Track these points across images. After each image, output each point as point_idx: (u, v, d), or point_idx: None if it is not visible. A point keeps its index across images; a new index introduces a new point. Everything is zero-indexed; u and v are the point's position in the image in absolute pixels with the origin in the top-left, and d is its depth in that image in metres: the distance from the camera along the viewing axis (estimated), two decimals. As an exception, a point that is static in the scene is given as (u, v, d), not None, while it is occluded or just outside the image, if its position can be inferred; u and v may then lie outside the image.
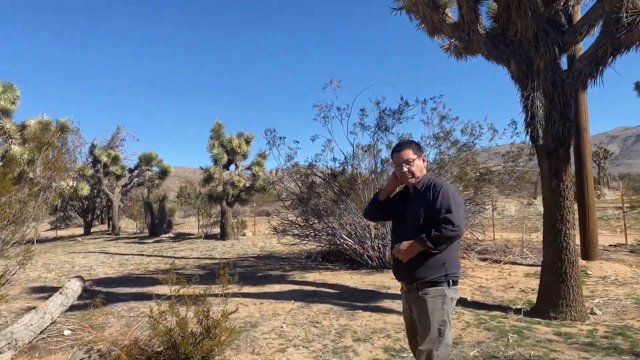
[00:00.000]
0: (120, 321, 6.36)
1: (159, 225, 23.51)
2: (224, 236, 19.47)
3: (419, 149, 3.22)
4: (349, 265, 9.99)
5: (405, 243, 3.00)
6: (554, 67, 5.70)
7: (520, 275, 8.44)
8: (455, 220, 2.85)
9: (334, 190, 9.84)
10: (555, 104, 5.77)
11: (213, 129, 20.58)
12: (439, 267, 2.98)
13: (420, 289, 3.00)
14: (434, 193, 3.00)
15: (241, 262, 12.21)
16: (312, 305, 6.90)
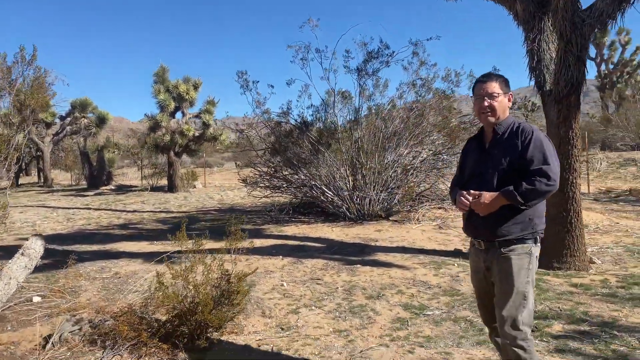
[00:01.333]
0: (95, 284, 5.64)
1: (97, 176, 22.00)
2: (172, 188, 18.45)
3: (506, 85, 2.71)
4: (324, 218, 9.60)
5: (486, 195, 2.55)
6: (574, 6, 5.33)
7: (501, 225, 8.38)
8: (552, 173, 2.45)
9: (310, 140, 9.26)
10: (572, 47, 5.44)
11: (157, 73, 19.11)
12: (526, 223, 2.56)
13: (503, 246, 2.58)
14: (523, 139, 2.56)
15: (203, 215, 11.53)
16: (304, 261, 6.46)
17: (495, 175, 2.58)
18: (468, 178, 2.78)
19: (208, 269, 3.90)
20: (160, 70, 19.02)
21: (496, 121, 2.65)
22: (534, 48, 6.20)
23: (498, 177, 2.57)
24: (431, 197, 9.76)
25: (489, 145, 2.70)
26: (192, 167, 28.05)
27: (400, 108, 9.44)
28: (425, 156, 9.48)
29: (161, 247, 7.76)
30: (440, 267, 5.90)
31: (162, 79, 18.83)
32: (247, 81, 9.43)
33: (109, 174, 22.47)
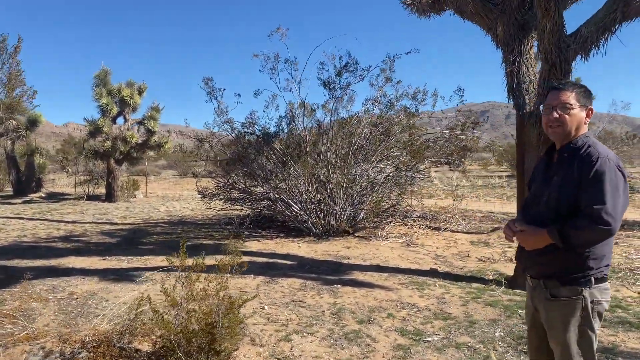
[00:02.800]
0: (49, 307, 5.01)
1: (25, 183, 20.35)
2: (111, 197, 17.36)
3: (585, 97, 2.30)
4: (287, 233, 9.27)
5: (530, 230, 2.25)
6: (560, 31, 5.42)
7: (466, 244, 8.44)
8: (607, 216, 2.02)
9: (276, 152, 8.93)
10: (556, 71, 5.51)
11: (98, 76, 18.00)
12: (577, 263, 2.19)
13: (549, 287, 2.26)
14: (583, 165, 2.15)
15: (153, 228, 10.83)
16: (278, 280, 6.12)
17: (551, 205, 2.24)
18: (530, 201, 2.44)
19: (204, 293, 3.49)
20: (102, 72, 17.94)
21: (565, 138, 2.28)
22: (513, 70, 6.28)
23: (555, 206, 2.23)
24: (396, 214, 9.70)
25: (553, 167, 2.34)
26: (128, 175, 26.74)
27: (367, 123, 9.33)
28: (390, 172, 9.42)
29: (115, 264, 7.14)
30: (423, 287, 5.76)
31: (104, 82, 17.77)
32: (212, 88, 9.00)
33: (38, 181, 20.86)
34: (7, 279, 6.16)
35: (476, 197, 15.85)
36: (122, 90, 17.69)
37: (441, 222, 10.07)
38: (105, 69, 18.17)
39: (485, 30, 6.79)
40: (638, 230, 9.15)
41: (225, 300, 3.55)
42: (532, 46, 6.33)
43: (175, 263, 3.77)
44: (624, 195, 2.11)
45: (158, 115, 18.52)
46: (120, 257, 7.62)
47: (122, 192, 17.80)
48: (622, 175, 2.15)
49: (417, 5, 8.02)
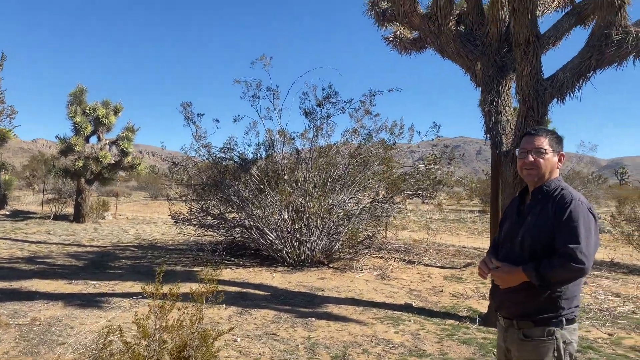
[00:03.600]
0: (10, 332, 4.78)
1: (-11, 200, 19.66)
2: (79, 218, 16.87)
3: (558, 144, 2.42)
4: (260, 262, 9.12)
5: (505, 268, 2.32)
6: (538, 74, 5.59)
7: (440, 279, 8.44)
8: (580, 255, 2.12)
9: (254, 179, 8.86)
10: (533, 112, 5.66)
11: (74, 94, 17.71)
12: (550, 303, 2.25)
13: (521, 328, 2.30)
14: (558, 208, 2.24)
15: (122, 252, 10.53)
16: (251, 311, 5.98)
17: (526, 245, 2.30)
18: (502, 240, 2.50)
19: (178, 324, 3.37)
20: (77, 90, 17.66)
21: (538, 181, 2.38)
22: (491, 110, 6.42)
23: (528, 247, 2.29)
24: (371, 246, 9.68)
25: (525, 208, 2.42)
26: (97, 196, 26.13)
27: (345, 154, 9.38)
28: (366, 203, 9.44)
29: (82, 288, 6.89)
30: (398, 323, 5.70)
31: (79, 100, 17.49)
32: (191, 113, 8.94)
33: (3, 197, 20.17)
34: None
35: (449, 231, 15.99)
36: (98, 109, 17.41)
37: (415, 255, 10.09)
38: (82, 87, 17.91)
39: (465, 70, 6.94)
40: (606, 271, 9.33)
41: (199, 333, 3.44)
42: (510, 87, 6.50)
43: (150, 291, 3.65)
44: (595, 236, 2.23)
45: (133, 136, 18.24)
46: (87, 281, 7.36)
47: (91, 212, 17.33)
48: (593, 217, 2.27)
49: (399, 43, 8.23)
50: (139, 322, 3.36)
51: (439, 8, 6.41)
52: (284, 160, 9.17)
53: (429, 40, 7.08)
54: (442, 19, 6.48)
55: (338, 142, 9.65)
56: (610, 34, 5.31)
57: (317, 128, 9.12)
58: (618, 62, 5.48)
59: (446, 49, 6.77)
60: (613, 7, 5.26)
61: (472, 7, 6.81)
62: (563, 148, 2.46)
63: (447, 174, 9.96)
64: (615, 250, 11.68)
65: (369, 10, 8.12)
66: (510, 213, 2.56)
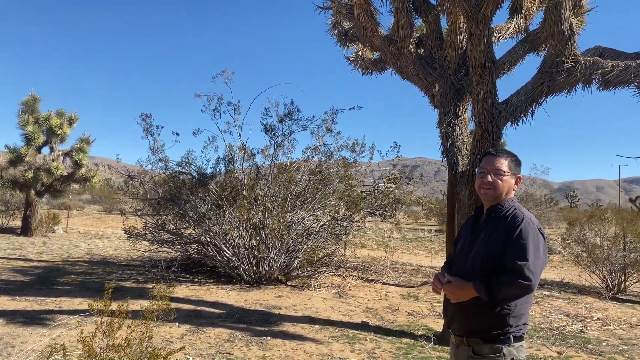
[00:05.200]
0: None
1: None
2: (27, 231, 16.15)
3: (517, 166, 2.50)
4: (217, 279, 8.93)
5: (457, 282, 2.38)
6: (493, 98, 5.76)
7: (397, 297, 8.49)
8: (527, 272, 2.19)
9: (211, 194, 8.71)
10: (488, 135, 5.82)
11: (26, 102, 17.04)
12: (498, 320, 2.30)
13: (471, 345, 2.35)
14: (509, 226, 2.32)
15: (71, 267, 10.12)
16: (205, 330, 5.83)
17: (477, 261, 2.37)
18: (456, 257, 2.58)
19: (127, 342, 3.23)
20: (30, 99, 17.03)
21: (494, 200, 2.45)
22: (448, 131, 6.57)
23: (480, 263, 2.36)
24: (329, 264, 9.66)
25: (479, 226, 2.50)
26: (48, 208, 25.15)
27: (306, 171, 9.38)
28: (326, 221, 9.43)
29: (26, 305, 6.57)
30: (354, 341, 5.68)
31: (32, 109, 16.87)
32: (150, 125, 8.75)
33: (-57, 208, 19.14)
34: None
35: (407, 250, 16.17)
36: (51, 119, 16.81)
37: (373, 273, 10.12)
38: (35, 95, 17.28)
39: (424, 92, 7.11)
40: (556, 291, 9.61)
41: (149, 352, 3.31)
42: (467, 110, 6.68)
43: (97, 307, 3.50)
44: (543, 255, 2.31)
45: (88, 147, 17.68)
46: (33, 297, 7.02)
47: (40, 226, 16.62)
48: (542, 237, 2.35)
49: (361, 63, 8.37)
50: (84, 340, 3.21)
51: (399, 30, 6.55)
52: (244, 176, 9.07)
53: (389, 61, 7.22)
54: (402, 41, 6.63)
55: (299, 159, 9.64)
56: (561, 61, 5.55)
57: (278, 144, 9.10)
58: (568, 88, 5.72)
59: (406, 71, 6.92)
60: (563, 36, 5.50)
61: (431, 31, 7.02)
62: (521, 171, 2.54)
63: (406, 194, 10.10)
64: (565, 271, 12.07)
65: (331, 30, 8.25)
66: (465, 231, 2.64)
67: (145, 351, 3.31)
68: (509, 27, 7.15)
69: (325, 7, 7.42)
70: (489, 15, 5.49)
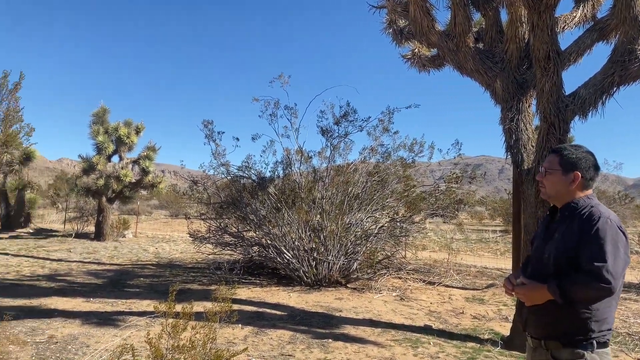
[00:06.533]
0: (27, 350, 4.77)
1: (14, 217, 20.04)
2: (100, 236, 17.08)
3: (568, 163, 2.29)
4: (277, 281, 9.05)
5: (530, 285, 2.24)
6: (559, 90, 5.47)
7: (461, 300, 8.24)
8: (606, 273, 2.02)
9: (271, 197, 8.85)
10: (555, 130, 5.53)
11: (96, 114, 18.10)
12: (579, 323, 2.14)
13: (550, 349, 2.21)
14: (584, 225, 2.15)
15: (140, 270, 10.56)
16: (267, 331, 5.89)
17: (551, 262, 2.22)
18: (531, 258, 2.45)
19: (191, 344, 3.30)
20: (100, 110, 18.07)
21: (553, 200, 2.34)
22: (512, 127, 6.30)
23: (554, 264, 2.20)
24: (390, 266, 9.53)
25: (554, 225, 2.34)
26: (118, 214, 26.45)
27: (363, 172, 9.32)
28: (385, 223, 9.31)
29: (100, 306, 6.89)
30: (417, 345, 5.55)
31: (102, 120, 17.86)
32: (211, 131, 9.02)
33: (27, 216, 20.57)
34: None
35: (470, 252, 15.70)
36: (120, 128, 17.74)
37: (435, 276, 9.89)
38: (104, 107, 18.31)
39: (484, 87, 6.85)
40: (635, 293, 9.00)
41: (212, 353, 3.37)
42: (531, 104, 6.38)
43: (162, 309, 3.61)
44: (624, 255, 2.12)
45: (154, 155, 18.49)
46: (105, 299, 7.37)
47: (111, 231, 17.53)
48: (624, 235, 2.16)
49: (417, 60, 8.19)
50: (151, 341, 3.32)
51: (457, 25, 6.35)
52: (301, 179, 9.14)
53: (448, 57, 7.02)
54: (460, 36, 6.42)
55: (356, 160, 9.61)
56: (634, 49, 5.18)
57: (334, 146, 9.11)
58: (643, 78, 5.34)
59: (465, 66, 6.69)
60: (636, 22, 5.14)
61: (491, 24, 6.77)
62: (582, 168, 2.30)
63: (469, 193, 9.80)
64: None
65: (386, 29, 8.12)
66: (540, 230, 2.51)
67: (209, 352, 3.37)
68: (574, 16, 6.77)
69: (379, 6, 7.34)
70: (552, 4, 5.22)
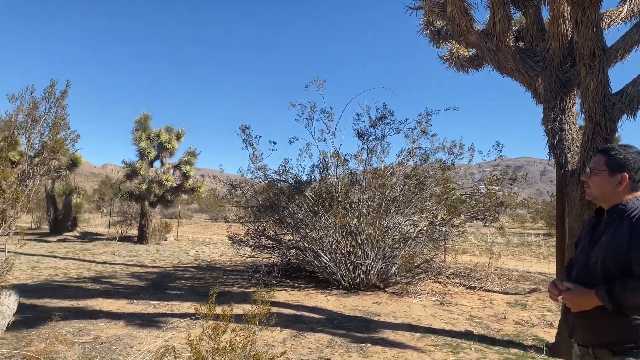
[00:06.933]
0: (74, 350, 4.93)
1: (62, 221, 20.84)
2: (143, 239, 17.55)
3: (615, 164, 2.18)
4: (315, 284, 9.06)
5: (577, 290, 2.13)
6: (605, 89, 5.28)
7: (503, 305, 8.04)
8: None
9: (307, 201, 8.90)
10: (601, 129, 5.33)
11: (139, 120, 18.65)
12: (630, 330, 2.04)
13: (598, 357, 2.11)
14: (634, 228, 2.03)
15: (181, 272, 10.79)
16: (306, 335, 5.90)
17: (599, 266, 2.10)
18: (575, 260, 2.34)
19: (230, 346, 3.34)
20: (142, 117, 18.60)
21: (598, 201, 2.25)
22: (555, 127, 6.12)
23: (602, 268, 2.09)
24: (429, 270, 9.40)
25: (601, 228, 2.23)
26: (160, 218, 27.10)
27: (401, 175, 9.24)
28: (424, 226, 9.20)
29: (142, 308, 7.07)
30: (457, 351, 5.44)
31: (144, 127, 18.38)
32: (249, 136, 9.15)
33: (74, 220, 21.34)
34: (36, 318, 6.15)
35: (512, 255, 15.31)
36: (161, 134, 18.21)
37: (476, 280, 9.68)
38: (146, 114, 18.84)
39: (525, 87, 6.68)
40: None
41: (252, 356, 3.40)
42: (575, 103, 6.18)
43: (203, 312, 3.67)
44: None
45: (194, 160, 18.89)
46: (148, 301, 7.55)
47: (153, 234, 17.98)
48: None
49: (455, 61, 8.08)
50: (192, 343, 3.38)
51: (496, 24, 6.23)
52: (338, 182, 9.14)
53: (487, 57, 6.88)
54: (499, 35, 6.29)
55: (393, 163, 9.54)
56: (685, 44, 4.95)
57: (370, 149, 9.06)
58: (696, 74, 5.09)
59: (505, 66, 6.55)
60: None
61: (532, 22, 6.60)
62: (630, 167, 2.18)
63: (510, 196, 9.55)
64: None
65: (423, 30, 8.04)
66: (585, 233, 2.39)
67: (248, 355, 3.40)
68: (620, 11, 6.52)
69: (416, 7, 7.27)
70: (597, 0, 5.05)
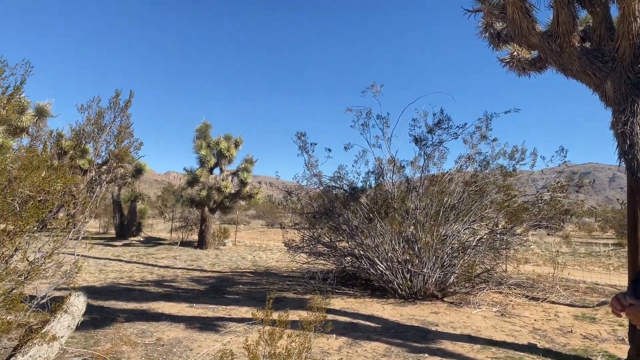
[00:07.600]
0: (137, 351, 5.11)
1: (127, 227, 21.81)
2: (202, 244, 18.07)
3: None
4: (371, 293, 8.98)
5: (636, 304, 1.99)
6: (682, 90, 4.93)
7: (569, 318, 7.64)
8: None
9: (363, 208, 8.85)
10: (678, 132, 4.98)
11: (199, 129, 19.28)
12: None
13: None
14: None
15: (239, 277, 10.99)
16: (362, 343, 5.84)
17: None
18: None
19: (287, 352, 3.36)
20: (203, 126, 19.22)
21: None
22: (625, 131, 5.78)
23: None
24: (489, 280, 9.10)
25: None
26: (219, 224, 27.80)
27: (459, 182, 9.01)
28: (484, 234, 8.91)
29: (202, 312, 7.24)
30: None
31: (204, 135, 18.97)
32: (305, 142, 9.24)
33: (138, 225, 22.28)
34: (103, 319, 6.44)
35: (578, 266, 14.56)
36: (220, 143, 18.73)
37: (539, 291, 9.26)
38: (207, 123, 19.45)
39: (592, 89, 6.36)
40: None
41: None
42: (648, 105, 5.81)
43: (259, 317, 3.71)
44: None
45: (251, 167, 19.29)
46: (207, 305, 7.74)
47: (213, 239, 18.46)
48: None
49: (517, 64, 7.81)
50: (249, 348, 3.42)
51: (560, 25, 5.97)
52: (394, 189, 9.02)
53: (550, 59, 6.61)
54: (564, 36, 6.03)
55: (451, 169, 9.32)
56: None
57: (427, 155, 8.91)
58: None
59: (570, 68, 6.26)
60: None
61: (599, 21, 6.27)
62: None
63: (576, 203, 9.09)
64: None
65: (482, 33, 7.83)
66: None
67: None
68: (700, 6, 6.09)
69: (475, 9, 7.09)
70: (673, -6, 4.74)
